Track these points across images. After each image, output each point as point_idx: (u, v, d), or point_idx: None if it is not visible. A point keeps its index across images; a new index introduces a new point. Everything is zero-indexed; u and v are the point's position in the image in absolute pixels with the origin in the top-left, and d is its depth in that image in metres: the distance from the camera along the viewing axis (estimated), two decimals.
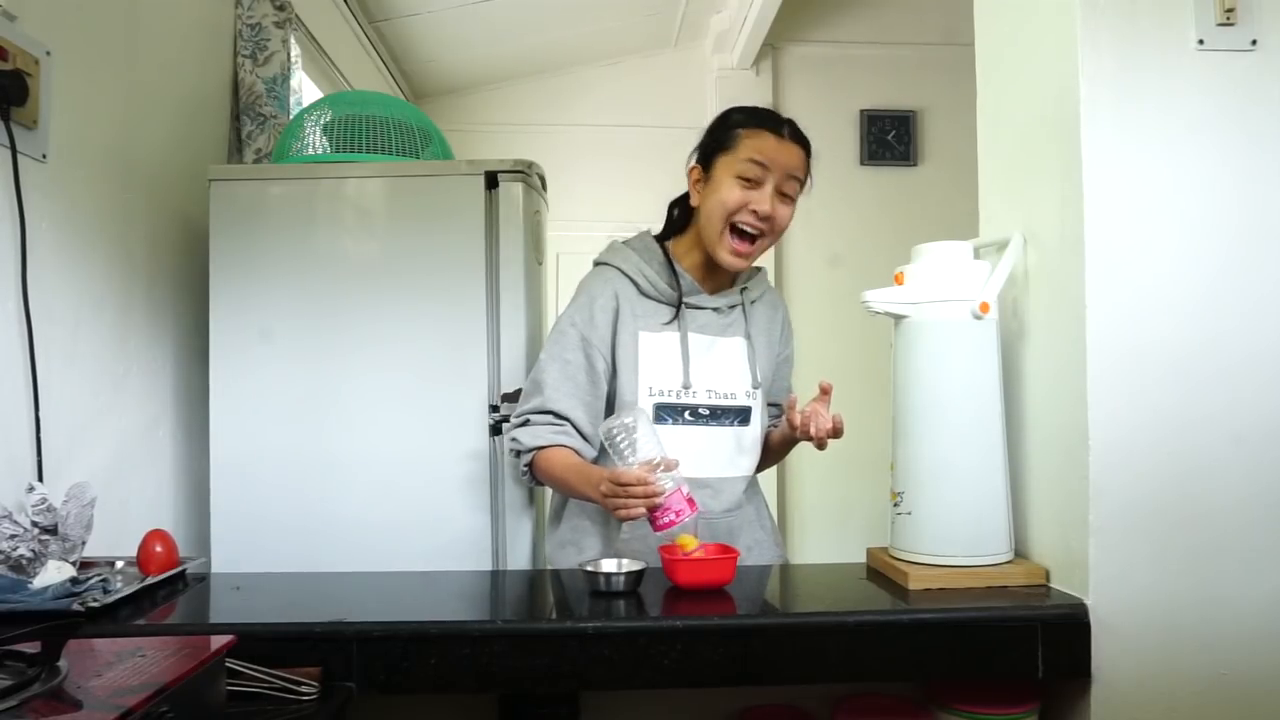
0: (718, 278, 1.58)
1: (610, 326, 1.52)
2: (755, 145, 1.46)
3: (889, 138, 4.26)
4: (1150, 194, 1.17)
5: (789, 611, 1.26)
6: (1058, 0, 1.21)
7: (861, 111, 4.25)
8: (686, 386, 1.50)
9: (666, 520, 1.30)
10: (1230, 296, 1.17)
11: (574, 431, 1.50)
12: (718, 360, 1.54)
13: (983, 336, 1.28)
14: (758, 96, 4.11)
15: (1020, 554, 1.30)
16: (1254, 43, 1.17)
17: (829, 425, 1.43)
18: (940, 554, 1.25)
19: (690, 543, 1.27)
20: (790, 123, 1.50)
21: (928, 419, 1.28)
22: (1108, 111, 1.17)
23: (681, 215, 1.60)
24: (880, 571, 1.33)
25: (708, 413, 1.52)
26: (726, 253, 1.48)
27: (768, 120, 1.49)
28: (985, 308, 1.25)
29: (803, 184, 1.51)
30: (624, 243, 1.60)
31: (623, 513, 1.32)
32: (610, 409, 1.54)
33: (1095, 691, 1.13)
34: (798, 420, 1.44)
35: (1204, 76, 1.17)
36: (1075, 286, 1.18)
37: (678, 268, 1.56)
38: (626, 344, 1.51)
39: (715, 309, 1.56)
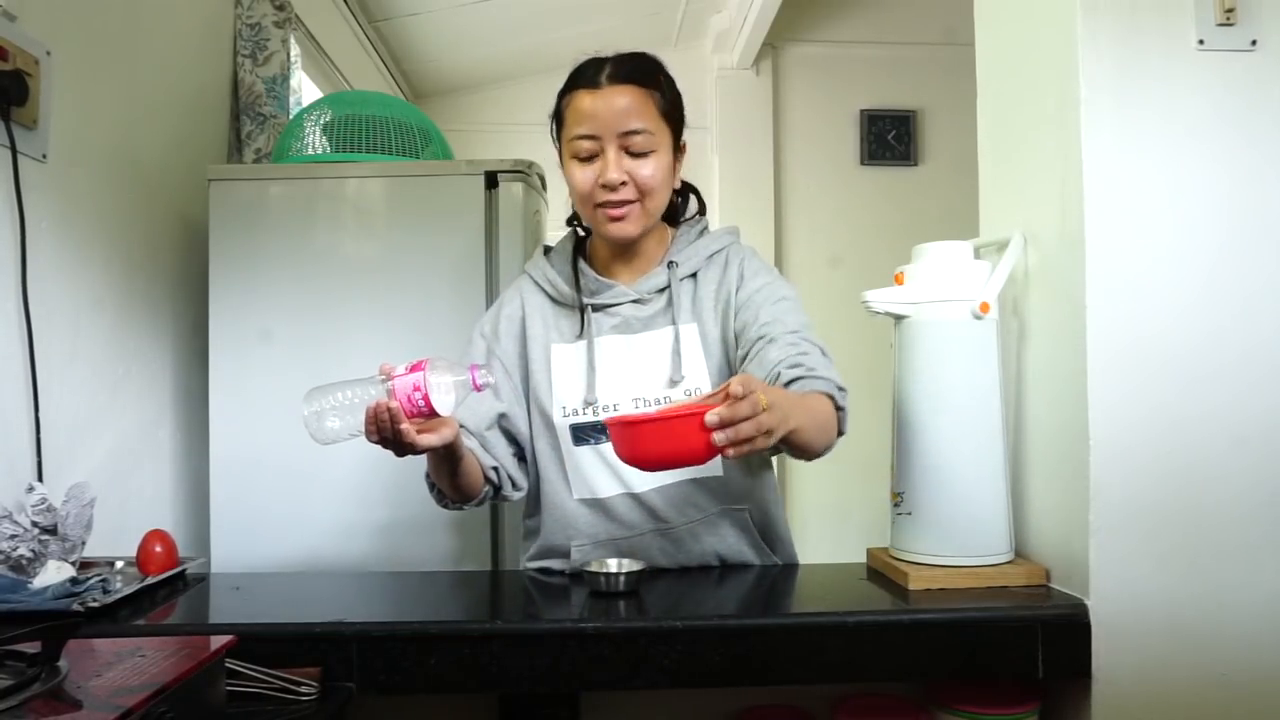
0: (637, 262, 1.39)
1: (517, 340, 1.39)
2: (576, 113, 1.28)
3: (889, 138, 4.25)
4: (1150, 194, 1.17)
5: (789, 611, 1.26)
6: (1058, 0, 1.21)
7: (861, 111, 4.25)
8: (590, 403, 1.32)
9: (416, 401, 1.10)
10: (1229, 295, 1.17)
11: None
12: (638, 361, 1.34)
13: (983, 336, 1.28)
14: (758, 96, 4.11)
15: (1020, 554, 1.30)
16: (1254, 43, 1.17)
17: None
18: (940, 554, 1.25)
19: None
20: (612, 63, 1.28)
21: (928, 419, 1.28)
22: (1108, 111, 1.17)
23: None
24: (880, 571, 1.33)
25: None
26: (607, 229, 1.31)
27: (580, 76, 1.29)
28: (985, 308, 1.25)
29: (657, 128, 1.28)
30: (549, 245, 1.47)
31: (421, 442, 1.12)
32: (538, 427, 1.38)
33: (1095, 691, 1.13)
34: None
35: (1204, 77, 1.17)
36: (1075, 286, 1.18)
37: (582, 266, 1.39)
38: (538, 358, 1.37)
39: (636, 301, 1.36)
